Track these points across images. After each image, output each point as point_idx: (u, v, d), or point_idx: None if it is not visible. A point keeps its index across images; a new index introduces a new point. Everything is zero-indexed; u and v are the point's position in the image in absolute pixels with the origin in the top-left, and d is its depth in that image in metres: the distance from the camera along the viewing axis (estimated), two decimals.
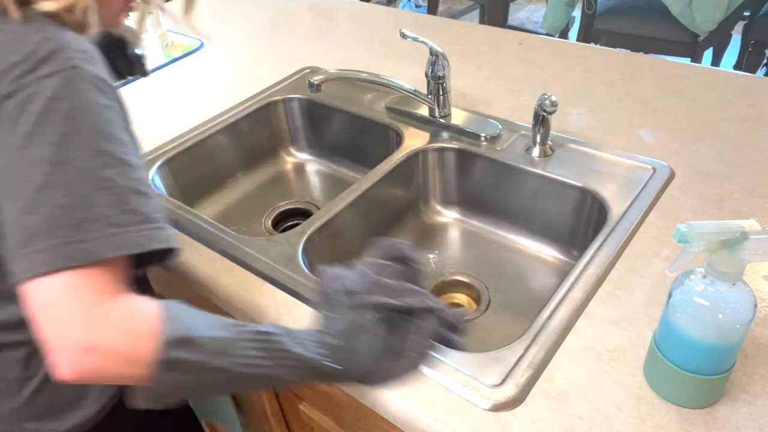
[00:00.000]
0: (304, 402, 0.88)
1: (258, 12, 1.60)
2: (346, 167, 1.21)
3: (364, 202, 0.94)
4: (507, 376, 0.61)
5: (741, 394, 0.58)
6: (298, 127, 1.24)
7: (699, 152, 0.91)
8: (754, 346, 0.62)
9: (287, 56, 1.34)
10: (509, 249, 0.99)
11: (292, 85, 1.22)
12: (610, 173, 0.88)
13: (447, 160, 1.02)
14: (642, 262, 0.73)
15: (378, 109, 1.11)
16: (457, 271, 0.96)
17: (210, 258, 0.81)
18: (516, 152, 0.95)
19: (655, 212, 0.80)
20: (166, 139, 1.08)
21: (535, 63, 1.21)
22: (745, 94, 1.03)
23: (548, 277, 0.93)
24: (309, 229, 0.85)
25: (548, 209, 0.94)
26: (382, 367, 0.58)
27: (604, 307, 0.68)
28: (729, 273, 0.49)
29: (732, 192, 0.83)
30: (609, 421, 0.56)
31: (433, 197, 1.07)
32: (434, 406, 0.59)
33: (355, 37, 1.40)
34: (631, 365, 0.61)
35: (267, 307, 0.73)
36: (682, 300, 0.52)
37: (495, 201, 1.00)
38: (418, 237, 1.03)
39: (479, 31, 1.38)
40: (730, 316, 0.50)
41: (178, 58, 1.38)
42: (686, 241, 0.48)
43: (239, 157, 1.19)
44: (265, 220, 1.11)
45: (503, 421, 0.57)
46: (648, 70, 1.13)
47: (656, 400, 0.58)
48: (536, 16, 3.95)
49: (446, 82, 1.00)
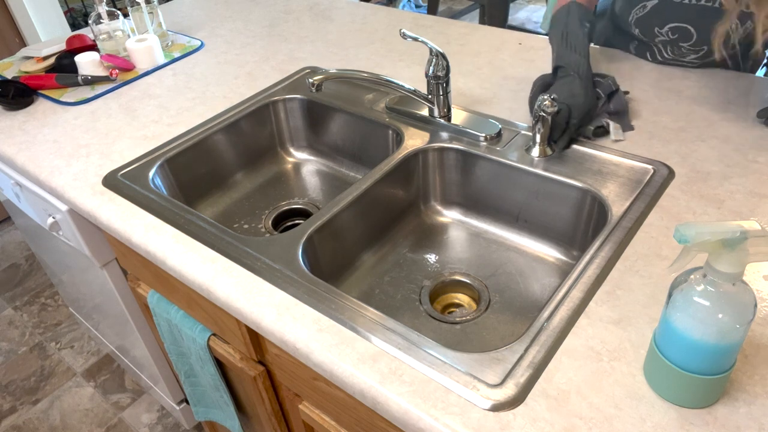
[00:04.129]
0: (304, 402, 0.88)
1: (258, 12, 1.60)
2: (346, 167, 1.21)
3: (364, 202, 0.94)
4: (507, 376, 0.61)
5: (741, 394, 0.58)
6: (298, 127, 1.24)
7: (699, 152, 0.91)
8: (754, 346, 0.62)
9: (287, 56, 1.34)
10: (509, 249, 0.99)
11: (292, 85, 1.22)
12: (610, 173, 0.88)
13: (447, 160, 1.02)
14: (642, 262, 0.73)
15: (378, 109, 1.11)
16: (457, 271, 0.96)
17: (210, 258, 0.81)
18: (516, 152, 0.95)
19: (655, 212, 0.80)
20: (166, 139, 1.08)
21: (535, 63, 1.21)
22: (745, 94, 1.03)
23: (548, 277, 0.93)
24: (309, 229, 0.85)
25: (548, 209, 0.94)
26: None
27: (604, 307, 0.68)
28: (729, 273, 0.49)
29: (732, 192, 0.83)
30: (609, 421, 0.56)
31: (433, 197, 1.07)
32: (434, 406, 0.59)
33: (355, 37, 1.40)
34: (631, 365, 0.61)
35: (267, 306, 0.73)
36: (682, 300, 0.52)
37: (495, 201, 1.00)
38: (418, 237, 1.03)
39: (479, 31, 1.38)
40: (730, 316, 0.50)
41: (178, 58, 1.38)
42: (686, 241, 0.48)
43: (239, 157, 1.19)
44: (265, 220, 1.11)
45: (503, 421, 0.57)
46: (648, 69, 1.13)
47: (656, 400, 0.58)
48: (536, 16, 3.95)
49: (446, 82, 1.00)
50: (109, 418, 1.71)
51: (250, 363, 0.93)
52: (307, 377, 0.79)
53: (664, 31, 1.08)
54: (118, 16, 1.35)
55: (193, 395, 1.18)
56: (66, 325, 2.03)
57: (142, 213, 0.91)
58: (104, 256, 1.13)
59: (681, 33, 1.06)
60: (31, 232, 1.48)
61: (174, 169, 1.06)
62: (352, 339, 0.67)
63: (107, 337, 1.67)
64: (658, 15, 1.07)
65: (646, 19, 1.09)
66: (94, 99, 1.25)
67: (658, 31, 1.09)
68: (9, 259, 2.34)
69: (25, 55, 1.42)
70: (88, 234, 1.09)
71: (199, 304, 0.91)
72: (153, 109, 1.19)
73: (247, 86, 1.24)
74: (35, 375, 1.87)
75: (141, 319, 1.28)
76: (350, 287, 0.94)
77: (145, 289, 1.10)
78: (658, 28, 1.09)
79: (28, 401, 1.78)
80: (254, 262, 0.79)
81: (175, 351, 1.10)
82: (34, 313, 2.09)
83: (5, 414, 1.75)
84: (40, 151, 1.10)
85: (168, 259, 0.83)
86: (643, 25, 1.11)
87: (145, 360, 1.42)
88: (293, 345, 0.69)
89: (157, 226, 0.88)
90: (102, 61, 1.31)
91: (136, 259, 1.02)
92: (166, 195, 0.97)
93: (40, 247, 1.56)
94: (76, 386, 1.82)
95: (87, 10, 3.01)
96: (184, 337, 1.02)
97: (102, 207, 0.94)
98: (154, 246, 0.85)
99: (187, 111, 1.17)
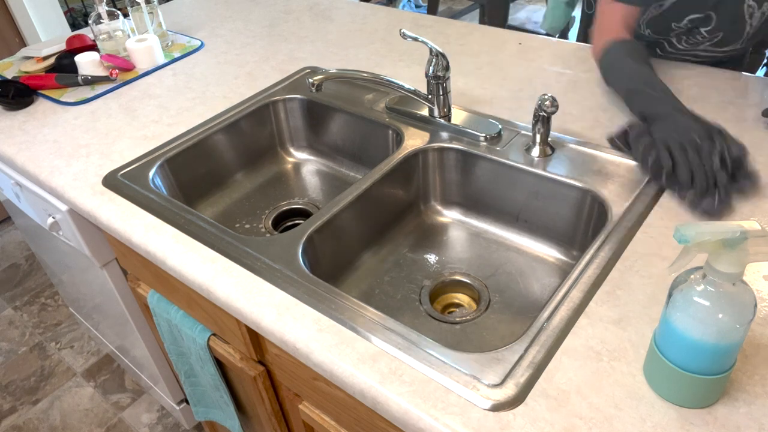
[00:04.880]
0: (304, 402, 0.88)
1: (258, 12, 1.60)
2: (346, 167, 1.21)
3: (364, 201, 0.94)
4: (507, 376, 0.61)
5: (741, 394, 0.58)
6: (298, 127, 1.24)
7: None
8: (754, 346, 0.62)
9: (287, 56, 1.34)
10: (509, 249, 0.99)
11: (292, 85, 1.22)
12: (610, 173, 0.88)
13: (447, 160, 1.02)
14: (642, 262, 0.73)
15: (378, 109, 1.11)
16: (457, 271, 0.96)
17: (210, 258, 0.81)
18: (516, 152, 0.95)
19: (655, 212, 0.80)
20: (166, 139, 1.08)
21: (535, 63, 1.21)
22: (745, 94, 1.03)
23: (548, 277, 0.93)
24: (309, 229, 0.85)
25: (548, 209, 0.94)
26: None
27: (604, 307, 0.68)
28: (729, 273, 0.49)
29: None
30: (609, 421, 0.56)
31: (433, 197, 1.07)
32: (434, 406, 0.59)
33: (355, 37, 1.40)
34: (631, 365, 0.61)
35: (267, 306, 0.73)
36: (682, 300, 0.52)
37: (495, 201, 1.00)
38: (418, 237, 1.03)
39: (479, 31, 1.38)
40: (730, 316, 0.50)
41: (178, 58, 1.38)
42: (686, 241, 0.48)
43: (239, 157, 1.19)
44: (265, 220, 1.11)
45: (503, 421, 0.57)
46: None
47: (656, 400, 0.58)
48: (536, 16, 3.95)
49: (446, 82, 1.00)
50: (109, 418, 1.71)
51: (250, 363, 0.93)
52: (307, 377, 0.79)
53: (683, 24, 1.05)
54: (118, 16, 1.35)
55: (193, 395, 1.18)
56: (66, 325, 2.03)
57: (142, 213, 0.91)
58: (104, 256, 1.13)
59: (700, 21, 1.04)
60: (31, 232, 1.48)
61: (174, 169, 1.06)
62: (352, 339, 0.67)
63: (107, 337, 1.67)
64: (676, 11, 1.06)
65: (663, 17, 1.07)
66: (94, 99, 1.25)
67: (675, 26, 1.06)
68: (9, 259, 2.34)
69: (25, 55, 1.42)
70: (88, 234, 1.09)
71: (199, 304, 0.91)
72: (153, 109, 1.19)
73: (247, 86, 1.24)
74: (35, 375, 1.87)
75: (141, 319, 1.28)
76: (350, 287, 0.94)
77: (145, 289, 1.10)
78: (675, 23, 1.06)
79: (28, 401, 1.78)
80: (254, 262, 0.79)
81: (175, 351, 1.10)
82: (34, 313, 2.09)
83: (5, 414, 1.75)
84: (40, 151, 1.10)
85: (168, 259, 0.83)
86: (657, 23, 1.09)
87: (145, 360, 1.42)
88: (293, 345, 0.69)
89: (157, 226, 0.88)
90: (102, 61, 1.31)
91: (136, 259, 1.02)
92: (166, 195, 0.97)
93: (40, 247, 1.56)
94: (76, 386, 1.82)
95: (87, 10, 3.01)
96: (184, 337, 1.02)
97: (102, 207, 0.94)
98: (154, 246, 0.85)
99: (187, 111, 1.17)
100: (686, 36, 1.08)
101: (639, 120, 0.91)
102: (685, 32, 1.07)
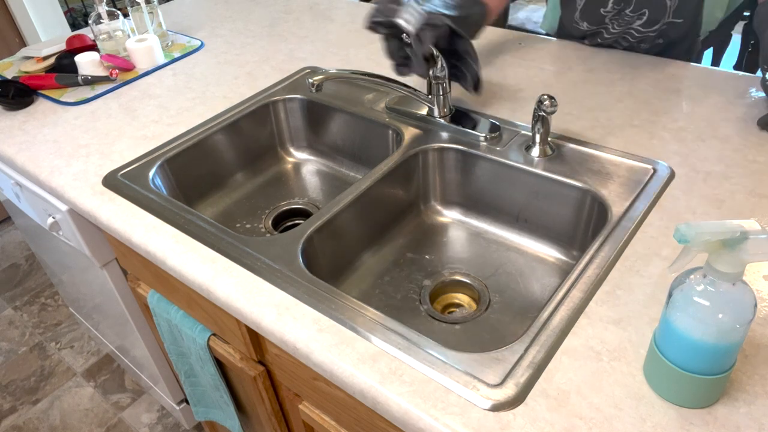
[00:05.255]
0: (304, 402, 0.88)
1: (258, 12, 1.61)
2: (346, 167, 1.21)
3: (363, 202, 0.94)
4: (507, 376, 0.61)
5: (741, 394, 0.58)
6: (298, 127, 1.24)
7: (699, 152, 0.91)
8: (754, 346, 0.62)
9: (287, 56, 1.34)
10: (509, 249, 0.99)
11: (292, 85, 1.22)
12: (610, 173, 0.88)
13: (447, 160, 1.02)
14: (642, 262, 0.73)
15: (378, 109, 1.11)
16: (457, 271, 0.96)
17: (210, 258, 0.81)
18: (516, 152, 0.95)
19: (655, 212, 0.80)
20: (166, 139, 1.08)
21: (535, 63, 1.21)
22: (745, 94, 1.03)
23: (548, 277, 0.93)
24: (309, 229, 0.85)
25: (548, 209, 0.94)
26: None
27: (604, 307, 0.68)
28: (729, 273, 0.49)
29: (732, 192, 0.83)
30: (609, 421, 0.56)
31: (433, 197, 1.07)
32: (434, 406, 0.59)
33: (355, 37, 1.40)
34: (631, 365, 0.61)
35: (267, 306, 0.73)
36: (682, 300, 0.52)
37: (495, 201, 1.00)
38: (418, 237, 1.03)
39: None
40: (730, 316, 0.50)
41: (178, 58, 1.38)
42: (686, 241, 0.48)
43: (239, 157, 1.19)
44: (265, 220, 1.11)
45: (503, 421, 0.57)
46: (648, 70, 1.13)
47: (656, 400, 0.58)
48: (536, 16, 3.95)
49: (446, 82, 1.00)
50: (109, 418, 1.71)
51: (250, 363, 0.93)
52: (307, 377, 0.79)
53: (610, 7, 1.10)
54: (118, 16, 1.35)
55: (193, 395, 1.18)
56: (66, 325, 2.03)
57: (142, 213, 0.91)
58: (104, 256, 1.13)
59: (623, 2, 1.09)
60: (31, 232, 1.48)
61: (174, 169, 1.06)
62: (352, 339, 0.67)
63: (107, 337, 1.67)
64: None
65: (591, 5, 1.11)
66: (94, 99, 1.25)
67: (604, 11, 1.11)
68: (9, 259, 2.34)
69: (25, 55, 1.42)
70: (88, 234, 1.09)
71: (199, 304, 0.91)
72: (153, 109, 1.19)
73: (247, 86, 1.24)
74: (35, 375, 1.87)
75: (141, 319, 1.28)
76: (350, 287, 0.94)
77: (145, 289, 1.10)
78: (603, 9, 1.11)
79: (28, 401, 1.78)
80: (254, 262, 0.79)
81: (175, 351, 1.10)
82: (34, 313, 2.09)
83: (5, 414, 1.75)
84: (40, 151, 1.10)
85: (168, 259, 0.83)
86: (589, 12, 1.13)
87: (145, 360, 1.42)
88: (293, 345, 0.69)
89: (157, 226, 0.88)
90: (102, 61, 1.31)
91: (136, 259, 1.02)
92: (166, 195, 0.97)
93: (40, 247, 1.56)
94: (76, 386, 1.82)
95: (87, 10, 3.01)
96: (184, 337, 1.02)
97: (102, 207, 0.94)
98: (154, 246, 0.85)
99: (187, 111, 1.17)
100: (617, 20, 1.12)
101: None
102: (615, 15, 1.11)
